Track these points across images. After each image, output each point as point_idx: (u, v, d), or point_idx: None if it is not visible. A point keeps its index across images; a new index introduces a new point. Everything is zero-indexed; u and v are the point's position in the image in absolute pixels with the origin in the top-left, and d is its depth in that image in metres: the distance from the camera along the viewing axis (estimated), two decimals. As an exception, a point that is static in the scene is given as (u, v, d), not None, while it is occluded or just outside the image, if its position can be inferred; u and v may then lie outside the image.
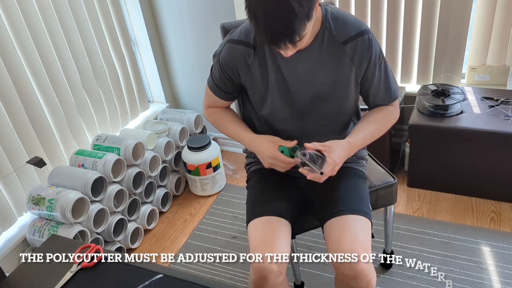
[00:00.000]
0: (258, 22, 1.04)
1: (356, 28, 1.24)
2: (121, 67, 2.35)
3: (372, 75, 1.29)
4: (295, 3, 1.01)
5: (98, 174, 1.90)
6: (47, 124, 1.97)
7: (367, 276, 1.20)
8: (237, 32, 1.30)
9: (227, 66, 1.31)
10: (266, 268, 1.20)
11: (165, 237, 2.23)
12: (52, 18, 1.94)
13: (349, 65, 1.26)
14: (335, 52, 1.24)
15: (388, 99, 1.37)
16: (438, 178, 2.22)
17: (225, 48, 1.31)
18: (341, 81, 1.28)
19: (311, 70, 1.26)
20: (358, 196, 1.35)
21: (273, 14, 1.02)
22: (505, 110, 2.06)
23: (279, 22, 1.03)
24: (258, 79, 1.30)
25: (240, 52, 1.28)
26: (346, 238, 1.22)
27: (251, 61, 1.28)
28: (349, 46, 1.23)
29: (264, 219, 1.30)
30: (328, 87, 1.28)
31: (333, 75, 1.27)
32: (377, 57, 1.27)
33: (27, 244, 1.88)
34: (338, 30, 1.23)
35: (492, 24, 2.14)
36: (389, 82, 1.34)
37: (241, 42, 1.27)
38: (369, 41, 1.23)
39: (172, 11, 2.42)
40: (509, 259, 1.84)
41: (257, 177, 1.47)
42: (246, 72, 1.30)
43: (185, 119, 2.48)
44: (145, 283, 1.07)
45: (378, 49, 1.27)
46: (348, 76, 1.27)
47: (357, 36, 1.23)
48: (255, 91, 1.33)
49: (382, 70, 1.31)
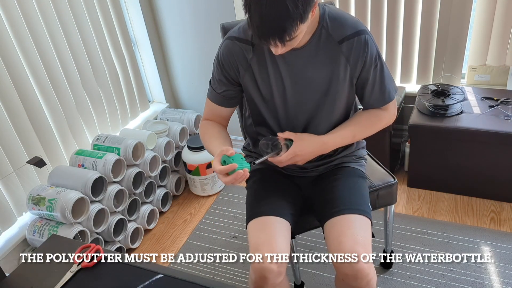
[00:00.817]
0: (252, 16, 1.05)
1: (353, 27, 1.24)
2: (121, 67, 2.35)
3: (367, 76, 1.29)
4: (290, 3, 1.01)
5: (98, 174, 1.90)
6: (47, 124, 1.97)
7: (368, 276, 1.20)
8: (235, 29, 1.31)
9: (227, 63, 1.31)
10: (266, 268, 1.20)
11: (165, 237, 2.23)
12: (52, 18, 1.94)
13: (344, 64, 1.26)
14: (331, 50, 1.25)
15: (382, 101, 1.35)
16: (438, 178, 2.22)
17: (224, 45, 1.31)
18: (336, 80, 1.28)
19: (307, 68, 1.26)
20: (358, 196, 1.35)
21: (267, 10, 1.02)
22: (505, 110, 2.06)
23: (271, 20, 1.03)
24: (258, 77, 1.30)
25: (239, 48, 1.28)
26: (346, 238, 1.22)
27: (250, 57, 1.28)
28: (345, 45, 1.24)
29: (264, 219, 1.30)
30: (323, 85, 1.29)
31: (328, 74, 1.27)
32: (373, 58, 1.26)
33: (27, 244, 1.88)
34: (335, 29, 1.23)
35: (492, 24, 2.14)
36: (384, 84, 1.32)
37: (239, 39, 1.28)
38: (365, 42, 1.23)
39: (172, 11, 2.42)
40: (509, 259, 1.84)
41: (257, 177, 1.47)
42: (245, 68, 1.30)
43: (185, 119, 2.48)
44: (145, 283, 1.07)
45: (375, 50, 1.26)
46: (343, 75, 1.28)
47: (353, 36, 1.23)
48: (255, 88, 1.33)
49: (378, 72, 1.30)
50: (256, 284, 1.24)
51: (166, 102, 2.71)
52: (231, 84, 1.35)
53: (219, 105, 1.40)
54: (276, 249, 1.22)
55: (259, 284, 1.23)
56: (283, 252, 1.23)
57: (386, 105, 1.36)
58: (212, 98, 1.41)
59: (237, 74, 1.32)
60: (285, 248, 1.25)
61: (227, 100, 1.39)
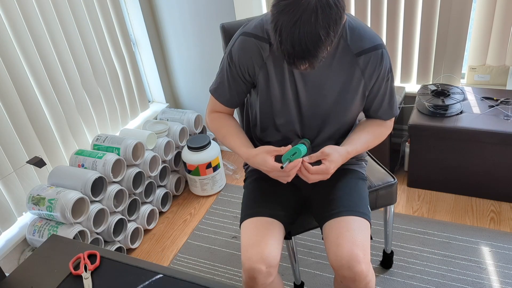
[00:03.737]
0: (282, 42, 1.02)
1: (371, 41, 1.23)
2: (121, 67, 2.35)
3: (379, 89, 1.30)
4: (322, 32, 1.00)
5: (98, 174, 1.90)
6: (47, 124, 1.97)
7: (366, 278, 1.20)
8: (251, 25, 1.27)
9: (240, 59, 1.27)
10: (255, 269, 1.21)
11: (165, 237, 2.23)
12: (52, 18, 1.94)
13: (359, 77, 1.26)
14: (347, 61, 1.24)
15: (390, 114, 1.38)
16: (438, 178, 2.22)
17: (239, 41, 1.26)
18: (349, 91, 1.28)
19: (322, 75, 1.25)
20: (357, 197, 1.35)
21: (299, 39, 1.00)
22: (504, 110, 2.06)
23: (304, 48, 1.01)
24: (272, 77, 1.27)
25: (254, 45, 1.24)
26: (345, 240, 1.22)
27: (266, 56, 1.25)
28: (362, 59, 1.23)
29: (256, 220, 1.30)
30: (334, 94, 1.28)
31: (342, 84, 1.27)
32: (386, 71, 1.27)
33: (27, 244, 1.88)
34: (353, 40, 1.22)
35: (492, 24, 2.14)
36: (393, 98, 1.35)
37: (255, 36, 1.24)
38: (382, 56, 1.24)
39: (172, 11, 2.42)
40: (509, 259, 1.84)
41: (253, 177, 1.47)
42: (260, 66, 1.26)
43: (185, 119, 2.48)
44: (145, 283, 1.08)
45: (389, 64, 1.27)
46: (357, 87, 1.27)
47: (371, 50, 1.23)
48: (268, 88, 1.30)
49: (389, 85, 1.32)
50: (247, 285, 1.25)
51: (166, 102, 2.71)
52: (242, 82, 1.32)
53: (224, 105, 1.39)
54: (266, 250, 1.22)
55: (249, 285, 1.24)
56: (274, 253, 1.23)
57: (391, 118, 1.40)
58: (217, 96, 1.38)
59: (249, 71, 1.29)
60: (275, 250, 1.24)
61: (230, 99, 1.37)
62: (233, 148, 1.36)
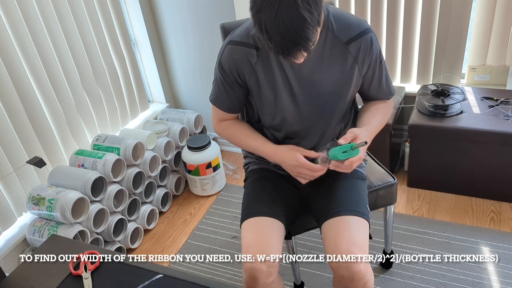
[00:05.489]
0: (271, 36, 1.03)
1: (358, 27, 1.25)
2: (121, 67, 2.35)
3: (373, 73, 1.32)
4: (305, 12, 1.00)
5: (98, 174, 1.90)
6: (47, 124, 1.97)
7: (364, 278, 1.20)
8: (236, 33, 1.29)
9: (230, 68, 1.29)
10: (256, 269, 1.21)
11: (165, 237, 2.23)
12: (52, 18, 1.94)
13: (352, 64, 1.27)
14: (338, 52, 1.25)
15: (389, 94, 1.41)
16: (438, 178, 2.22)
17: (226, 50, 1.28)
18: (344, 81, 1.29)
19: (314, 70, 1.26)
20: (356, 197, 1.35)
21: (286, 26, 1.00)
22: (504, 110, 2.06)
23: (293, 34, 1.01)
24: (263, 82, 1.28)
25: (242, 53, 1.26)
26: (343, 239, 1.22)
27: (254, 61, 1.26)
28: (352, 46, 1.25)
29: (257, 220, 1.30)
30: (332, 86, 1.29)
31: (336, 74, 1.27)
32: (377, 54, 1.29)
33: (27, 244, 1.88)
34: (340, 30, 1.24)
35: (492, 24, 2.14)
36: (388, 77, 1.38)
37: (242, 43, 1.26)
38: (371, 41, 1.26)
39: (172, 11, 2.42)
40: (509, 259, 1.84)
41: (254, 177, 1.47)
42: (250, 72, 1.28)
43: (185, 119, 2.48)
44: (145, 283, 1.08)
45: (378, 46, 1.29)
46: (351, 75, 1.28)
47: (360, 36, 1.24)
48: (261, 93, 1.31)
49: (383, 67, 1.34)
50: (247, 284, 1.25)
51: (166, 102, 2.71)
52: (238, 88, 1.33)
53: (227, 112, 1.40)
54: (267, 250, 1.22)
55: (250, 284, 1.24)
56: (274, 253, 1.23)
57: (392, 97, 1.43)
58: (218, 105, 1.40)
59: (241, 78, 1.30)
60: (276, 249, 1.25)
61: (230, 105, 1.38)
62: (256, 148, 1.38)
